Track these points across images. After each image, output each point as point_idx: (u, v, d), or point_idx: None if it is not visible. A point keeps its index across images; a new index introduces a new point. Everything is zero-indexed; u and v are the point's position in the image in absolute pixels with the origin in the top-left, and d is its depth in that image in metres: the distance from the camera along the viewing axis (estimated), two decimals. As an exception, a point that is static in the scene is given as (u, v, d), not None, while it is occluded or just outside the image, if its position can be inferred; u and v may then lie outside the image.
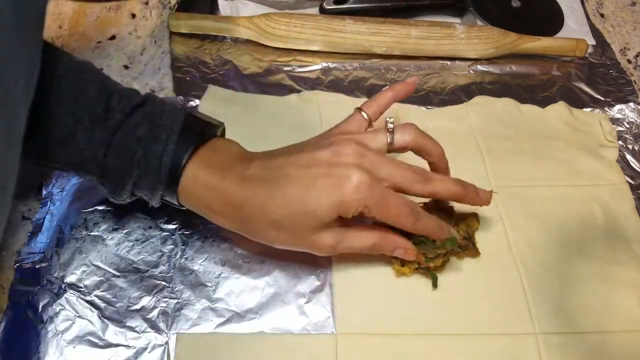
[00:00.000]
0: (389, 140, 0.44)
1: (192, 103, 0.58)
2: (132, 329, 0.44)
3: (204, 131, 0.45)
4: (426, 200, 0.50)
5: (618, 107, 0.61)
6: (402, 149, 0.45)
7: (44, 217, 0.49)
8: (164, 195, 0.43)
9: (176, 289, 0.46)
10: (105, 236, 0.48)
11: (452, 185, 0.45)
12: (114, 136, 0.41)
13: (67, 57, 0.44)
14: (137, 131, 0.42)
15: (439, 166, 0.47)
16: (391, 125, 0.45)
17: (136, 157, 0.41)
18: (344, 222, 0.43)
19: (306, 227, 0.42)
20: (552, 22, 0.68)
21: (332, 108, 0.57)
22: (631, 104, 0.61)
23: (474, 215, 0.50)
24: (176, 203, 0.44)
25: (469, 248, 0.48)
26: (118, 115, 0.42)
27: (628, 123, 0.60)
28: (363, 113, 0.47)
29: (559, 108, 0.60)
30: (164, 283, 0.46)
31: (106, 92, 0.43)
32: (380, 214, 0.42)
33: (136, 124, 0.42)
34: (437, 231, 0.45)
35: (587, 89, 0.63)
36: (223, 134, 0.47)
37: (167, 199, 0.44)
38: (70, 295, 0.45)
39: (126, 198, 0.44)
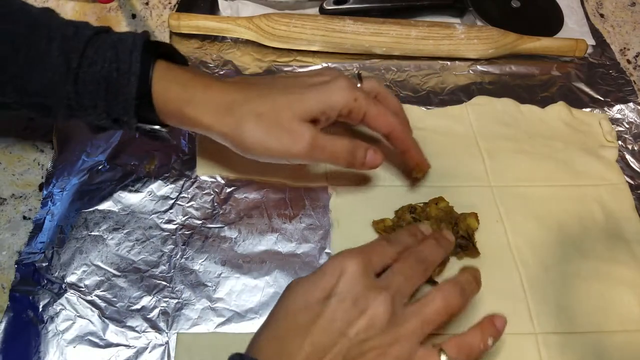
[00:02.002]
0: (358, 85, 0.47)
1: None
2: (132, 328, 0.44)
3: (170, 48, 0.47)
4: (425, 200, 0.50)
5: (618, 107, 0.61)
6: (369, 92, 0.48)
7: (45, 217, 0.49)
8: (139, 98, 0.43)
9: (176, 288, 0.46)
10: (106, 236, 0.48)
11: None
12: (86, 46, 0.43)
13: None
14: (107, 39, 0.44)
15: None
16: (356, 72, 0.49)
17: (108, 56, 0.43)
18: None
19: (289, 115, 0.43)
20: (551, 22, 0.68)
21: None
22: (631, 104, 0.62)
23: (474, 215, 0.50)
24: (153, 111, 0.44)
25: (469, 248, 0.48)
26: (89, 32, 0.44)
27: (628, 123, 0.60)
28: None
29: (559, 108, 0.60)
30: (164, 283, 0.46)
31: (74, 22, 0.45)
32: (371, 109, 0.45)
33: (106, 36, 0.44)
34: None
35: (586, 89, 0.63)
36: None
37: (143, 113, 0.44)
38: (71, 295, 0.45)
39: (102, 112, 0.44)
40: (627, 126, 0.60)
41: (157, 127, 0.46)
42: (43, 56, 0.42)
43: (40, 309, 0.44)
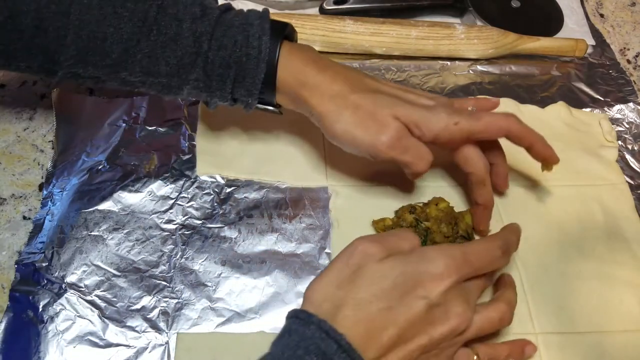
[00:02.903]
0: None
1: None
2: (132, 328, 0.44)
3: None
4: (425, 200, 0.50)
5: (617, 107, 0.61)
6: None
7: (45, 217, 0.49)
8: (265, 78, 0.45)
9: (176, 288, 0.46)
10: (106, 236, 0.48)
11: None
12: (214, 28, 0.44)
13: None
14: (234, 21, 0.45)
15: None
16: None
17: (238, 40, 0.44)
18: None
19: (386, 111, 0.45)
20: (551, 22, 0.68)
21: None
22: (631, 104, 0.62)
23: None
24: (273, 94, 0.46)
25: (469, 248, 0.48)
26: (215, 12, 0.45)
27: (627, 123, 0.60)
28: None
29: (559, 108, 0.60)
30: (164, 283, 0.46)
31: (198, 0, 0.46)
32: (476, 125, 0.45)
33: (232, 17, 0.46)
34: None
35: (586, 89, 0.63)
36: None
37: (264, 95, 0.46)
38: (71, 295, 0.45)
39: (227, 94, 0.46)
40: (627, 126, 0.60)
41: (270, 107, 0.48)
42: (174, 37, 0.44)
43: (40, 309, 0.44)
